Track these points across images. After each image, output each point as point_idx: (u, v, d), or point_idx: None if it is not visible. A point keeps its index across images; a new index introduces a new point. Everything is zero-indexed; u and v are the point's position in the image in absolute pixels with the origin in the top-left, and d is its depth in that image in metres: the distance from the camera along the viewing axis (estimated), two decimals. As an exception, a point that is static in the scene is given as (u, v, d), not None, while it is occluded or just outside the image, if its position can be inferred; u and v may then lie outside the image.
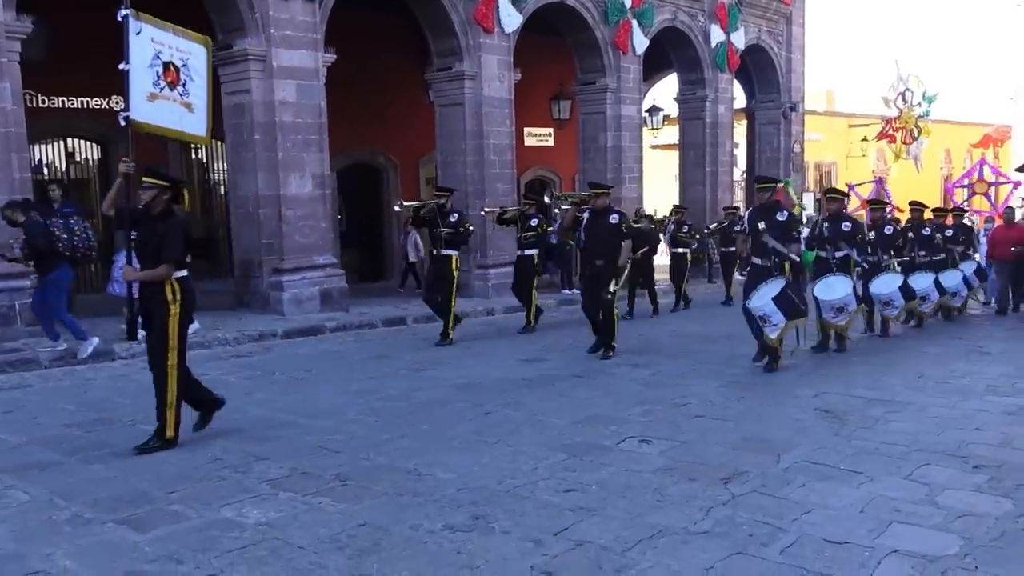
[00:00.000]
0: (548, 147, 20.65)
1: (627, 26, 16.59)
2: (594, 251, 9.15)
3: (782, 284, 8.30)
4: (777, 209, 8.72)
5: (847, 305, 9.08)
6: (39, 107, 12.90)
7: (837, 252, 9.47)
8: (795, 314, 8.26)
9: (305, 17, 11.90)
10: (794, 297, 8.23)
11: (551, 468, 5.22)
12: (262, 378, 8.32)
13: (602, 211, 9.13)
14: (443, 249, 10.16)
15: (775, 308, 8.06)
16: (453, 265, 10.20)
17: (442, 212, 10.24)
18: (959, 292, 12.01)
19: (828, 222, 9.63)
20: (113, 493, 4.84)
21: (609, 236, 9.00)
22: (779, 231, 8.45)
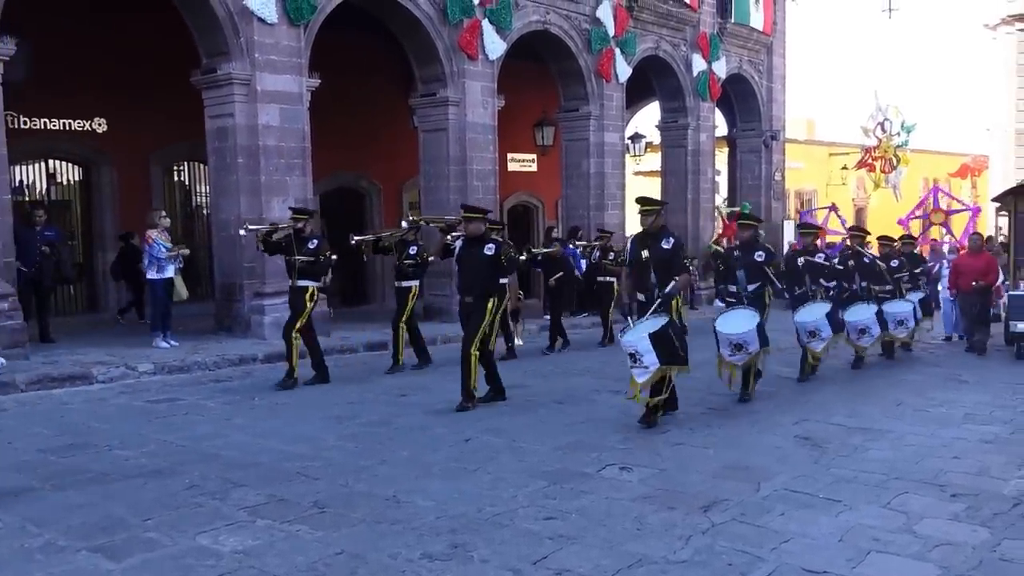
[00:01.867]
0: (531, 173, 20.74)
1: (610, 54, 16.76)
2: (464, 285, 8.04)
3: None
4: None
5: (747, 343, 8.02)
6: (20, 128, 12.83)
7: (750, 284, 8.52)
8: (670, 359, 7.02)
9: (290, 42, 11.94)
10: (675, 340, 7.04)
11: (531, 495, 5.20)
12: (242, 403, 8.26)
13: (476, 239, 7.98)
14: (299, 280, 9.12)
15: (649, 347, 6.84)
16: (308, 297, 9.11)
17: (299, 238, 9.18)
18: (906, 322, 11.14)
19: (740, 251, 8.75)
20: (88, 520, 4.77)
21: (482, 269, 7.85)
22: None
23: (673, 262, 7.32)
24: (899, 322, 10.95)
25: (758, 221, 9.29)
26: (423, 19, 13.57)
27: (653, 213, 7.44)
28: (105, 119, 14.08)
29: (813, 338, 9.34)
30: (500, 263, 7.91)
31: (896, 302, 11.27)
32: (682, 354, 7.01)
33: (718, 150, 21.35)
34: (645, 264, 7.34)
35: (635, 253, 7.49)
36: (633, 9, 17.21)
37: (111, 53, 13.18)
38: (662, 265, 7.27)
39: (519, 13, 14.99)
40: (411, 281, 10.27)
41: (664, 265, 7.26)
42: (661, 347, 6.80)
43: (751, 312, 8.27)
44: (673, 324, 7.03)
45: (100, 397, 8.49)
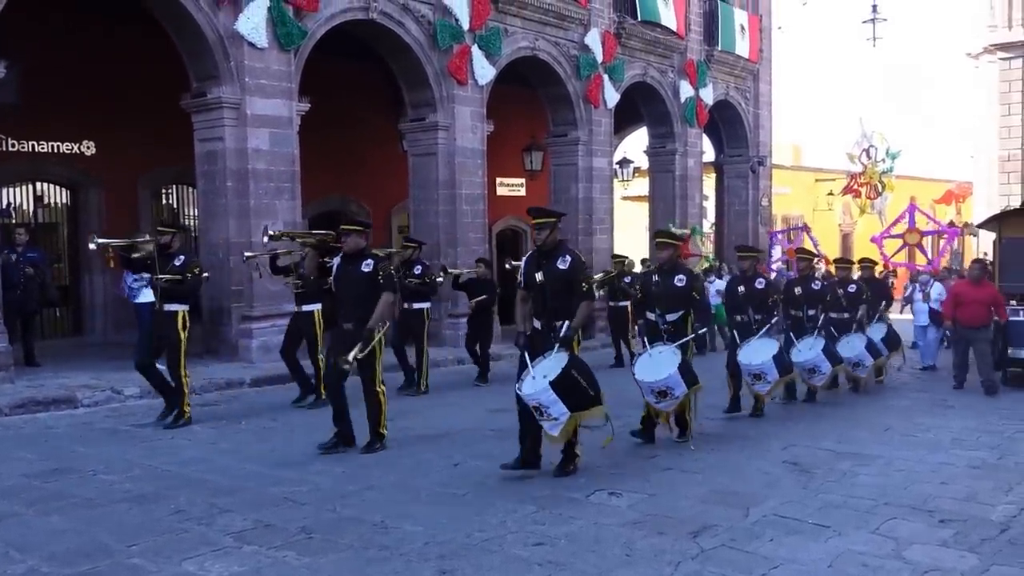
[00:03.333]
0: (520, 197, 20.80)
1: (598, 80, 16.90)
2: (343, 309, 7.10)
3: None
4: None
5: (671, 388, 7.12)
6: (8, 151, 12.82)
7: (668, 315, 7.50)
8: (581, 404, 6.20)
9: (280, 66, 11.99)
10: (581, 380, 6.13)
11: (520, 521, 5.18)
12: (228, 427, 8.20)
13: (353, 256, 7.09)
14: (165, 303, 8.07)
15: (554, 397, 5.95)
16: (180, 325, 8.08)
17: (164, 255, 8.15)
18: (862, 362, 10.24)
19: (659, 275, 7.64)
20: (71, 546, 4.72)
21: (360, 289, 6.96)
22: None
23: (572, 286, 6.27)
24: (854, 364, 10.22)
25: (677, 239, 8.23)
26: (413, 44, 13.66)
27: (548, 227, 6.32)
28: (94, 142, 14.07)
29: (758, 380, 8.54)
30: (377, 280, 6.96)
31: (850, 340, 10.28)
32: (592, 393, 6.11)
33: (705, 175, 21.49)
34: (540, 288, 6.30)
35: (528, 275, 6.39)
36: (621, 36, 17.39)
37: (100, 76, 13.20)
38: (559, 289, 6.24)
39: (508, 39, 15.12)
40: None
41: (562, 289, 6.24)
42: (567, 393, 5.92)
43: (670, 352, 7.27)
44: (575, 361, 6.08)
45: (85, 421, 8.42)
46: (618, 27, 17.32)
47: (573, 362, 6.08)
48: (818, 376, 9.38)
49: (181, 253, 8.28)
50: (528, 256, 6.64)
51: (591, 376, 6.18)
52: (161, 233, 8.33)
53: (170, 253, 8.18)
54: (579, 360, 6.18)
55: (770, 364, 8.46)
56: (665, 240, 7.83)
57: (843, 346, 10.12)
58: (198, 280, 8.33)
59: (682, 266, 7.79)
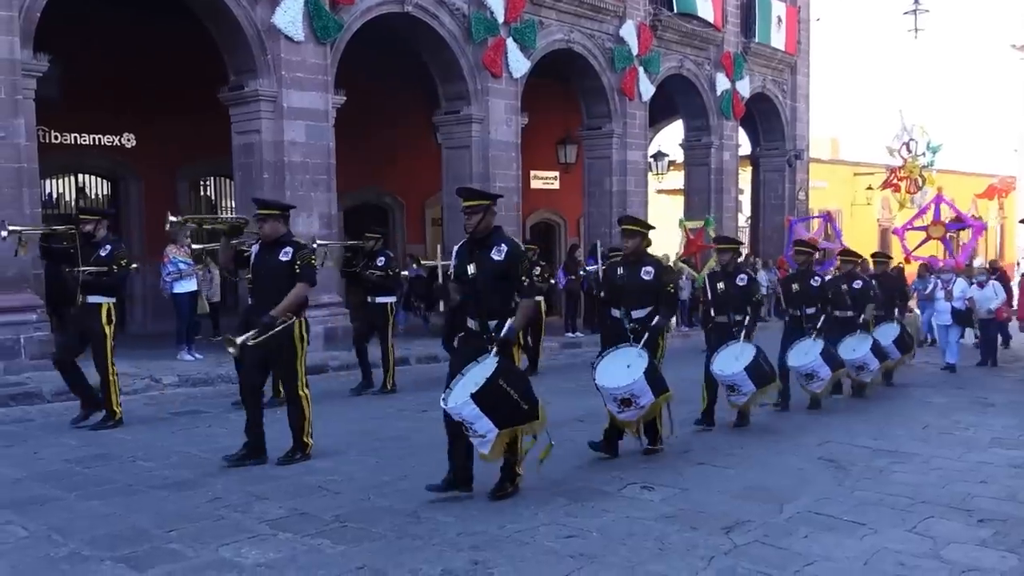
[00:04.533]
0: (554, 190, 20.79)
1: (633, 73, 16.82)
2: (260, 301, 6.41)
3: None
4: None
5: (635, 396, 6.31)
6: (51, 143, 13.05)
7: (634, 311, 6.60)
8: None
9: (316, 60, 12.09)
10: (512, 392, 5.29)
11: (552, 513, 5.19)
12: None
13: (272, 243, 6.34)
14: (87, 296, 7.44)
15: (477, 412, 5.11)
16: (104, 319, 7.47)
17: (88, 244, 7.47)
18: (867, 366, 9.44)
19: (624, 267, 6.78)
20: (112, 530, 4.81)
21: (277, 280, 6.24)
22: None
23: (510, 280, 5.39)
24: (858, 368, 9.45)
25: (645, 226, 6.87)
26: (447, 37, 13.69)
27: (479, 210, 5.41)
28: (134, 134, 14.32)
29: (732, 392, 7.68)
30: (294, 269, 6.22)
31: (853, 341, 9.48)
32: (526, 406, 5.25)
33: (741, 169, 21.31)
34: (472, 283, 5.45)
35: (460, 268, 5.53)
36: (657, 28, 17.28)
37: (141, 70, 13.39)
38: (495, 284, 5.37)
39: (543, 32, 15.10)
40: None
41: (497, 284, 5.37)
42: (492, 407, 5.09)
43: (636, 353, 6.38)
44: (507, 370, 5.20)
45: (125, 409, 8.54)
46: (654, 19, 17.22)
47: (502, 371, 5.14)
48: (816, 382, 8.59)
49: (107, 243, 7.58)
50: (460, 245, 5.63)
51: (525, 387, 5.32)
52: (84, 221, 7.55)
53: (95, 242, 7.50)
54: (512, 369, 5.33)
55: (742, 375, 7.45)
56: (631, 227, 6.75)
57: (845, 348, 9.31)
58: (125, 271, 7.67)
59: (650, 257, 6.77)
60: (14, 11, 9.47)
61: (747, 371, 7.45)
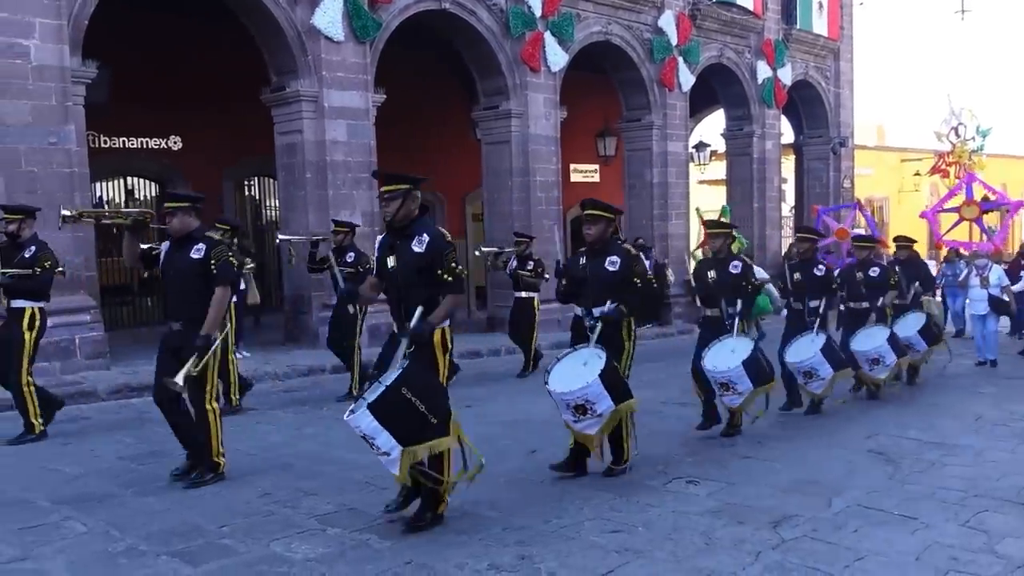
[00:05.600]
0: (594, 183, 20.72)
1: (673, 63, 16.68)
2: (169, 306, 5.90)
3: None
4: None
5: (591, 403, 5.58)
6: (100, 147, 13.34)
7: (596, 308, 5.85)
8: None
9: (356, 59, 12.19)
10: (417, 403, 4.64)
11: (597, 508, 5.19)
12: (311, 413, 8.43)
13: (181, 240, 5.73)
14: (12, 300, 7.05)
15: (376, 426, 4.52)
16: (26, 323, 7.02)
17: (14, 244, 7.11)
18: (882, 359, 8.60)
19: (586, 257, 6.07)
20: (166, 526, 4.93)
21: (187, 280, 5.64)
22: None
23: (432, 275, 4.80)
24: (872, 361, 8.63)
25: (607, 212, 5.97)
26: (485, 33, 13.72)
27: (398, 196, 4.83)
28: (180, 137, 14.57)
29: (727, 391, 6.89)
30: (209, 269, 5.62)
31: (868, 333, 8.76)
32: (435, 420, 4.58)
33: (784, 158, 21.04)
34: (391, 278, 4.96)
35: (381, 261, 5.02)
36: (696, 17, 17.11)
37: (186, 73, 13.62)
38: (415, 279, 4.81)
39: (581, 24, 15.04)
40: None
41: (418, 279, 4.81)
42: (393, 420, 4.49)
43: (594, 354, 5.64)
44: (413, 376, 4.57)
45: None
46: (693, 8, 17.06)
47: (407, 377, 4.52)
48: (816, 381, 7.84)
49: (32, 243, 7.14)
50: (382, 236, 5.12)
51: (436, 397, 4.64)
52: (7, 220, 7.08)
53: (20, 243, 7.09)
54: (421, 375, 4.62)
55: (739, 371, 6.73)
56: (594, 211, 5.91)
57: (860, 340, 8.70)
58: (50, 273, 7.11)
59: (617, 246, 5.97)
60: (63, 20, 9.70)
61: (744, 366, 6.69)
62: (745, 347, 6.91)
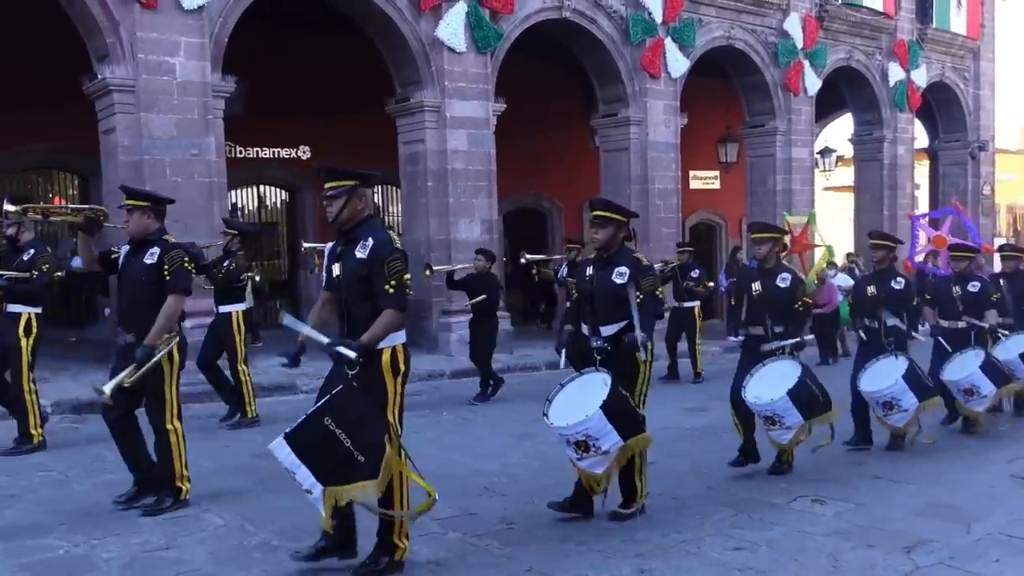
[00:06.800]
0: (714, 190, 20.35)
1: (798, 67, 16.20)
2: (122, 316, 5.46)
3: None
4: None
5: (592, 438, 4.86)
6: (236, 157, 14.03)
7: (602, 326, 5.21)
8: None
9: (477, 69, 12.41)
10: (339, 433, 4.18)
11: (717, 524, 5.10)
12: (430, 417, 8.61)
13: (139, 244, 5.29)
14: (8, 304, 6.90)
15: (294, 461, 4.08)
16: (22, 329, 6.85)
17: (13, 248, 6.98)
18: (977, 389, 7.30)
19: (594, 268, 5.37)
20: (296, 522, 5.12)
21: (139, 287, 5.23)
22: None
23: (373, 285, 4.16)
24: (966, 392, 7.39)
25: (618, 214, 5.28)
26: (605, 40, 13.71)
27: (342, 194, 4.27)
28: (309, 147, 15.17)
29: (773, 426, 6.05)
30: (162, 273, 5.16)
31: (963, 359, 7.49)
32: (361, 458, 3.95)
33: (917, 163, 20.09)
34: (337, 288, 4.37)
35: (329, 270, 4.46)
36: (823, 19, 16.58)
37: (314, 85, 14.16)
38: (357, 289, 4.22)
39: (702, 30, 14.82)
40: None
41: (360, 290, 4.21)
42: (311, 454, 3.98)
43: (598, 380, 4.94)
44: (341, 404, 4.00)
45: (304, 407, 9.05)
46: (820, 10, 16.53)
47: (332, 407, 3.97)
48: (897, 414, 6.72)
49: (31, 247, 7.01)
50: (332, 244, 4.51)
51: (367, 432, 4.00)
52: (7, 224, 6.78)
53: (19, 246, 6.96)
54: (355, 405, 4.01)
55: (785, 404, 5.86)
56: (603, 213, 5.19)
57: (952, 367, 7.47)
58: (45, 276, 6.90)
59: (628, 255, 5.21)
60: (205, 38, 10.29)
61: (791, 397, 5.79)
62: (791, 372, 5.96)
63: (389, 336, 4.12)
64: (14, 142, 12.33)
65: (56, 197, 14.06)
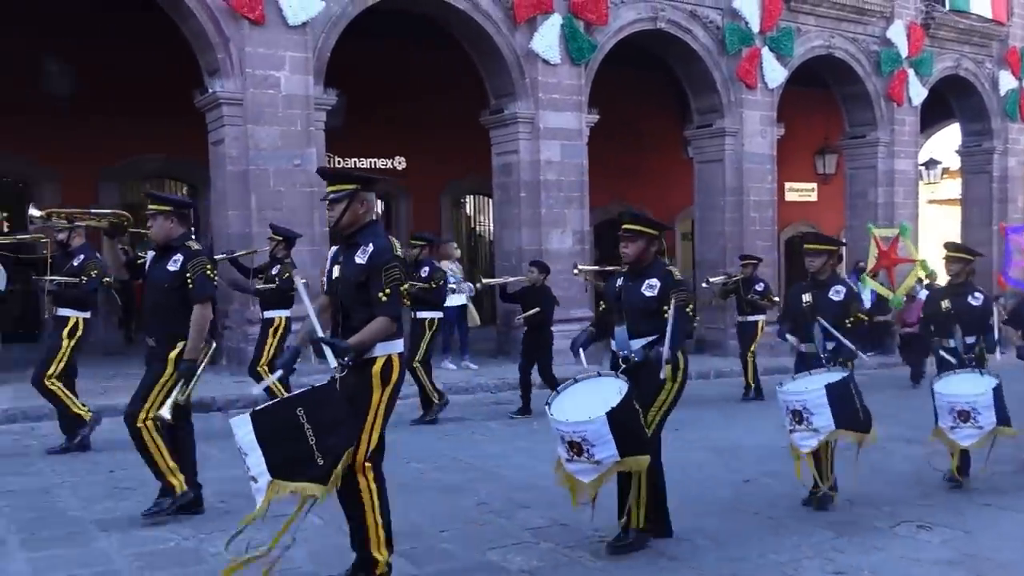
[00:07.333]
0: (811, 203, 19.87)
1: (902, 76, 15.70)
2: (147, 325, 5.52)
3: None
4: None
5: (589, 443, 4.50)
6: (335, 167, 14.43)
7: (632, 340, 4.98)
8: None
9: (571, 80, 12.46)
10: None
11: (816, 546, 4.97)
12: (523, 426, 8.65)
13: (162, 250, 5.27)
14: (57, 308, 7.04)
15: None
16: (67, 331, 7.01)
17: (64, 253, 7.10)
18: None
19: (624, 279, 5.12)
20: (393, 525, 5.23)
21: (160, 294, 5.24)
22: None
23: (369, 291, 4.02)
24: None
25: (646, 225, 5.02)
26: (700, 51, 13.57)
27: (343, 199, 4.09)
28: (404, 157, 15.50)
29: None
30: (185, 282, 5.13)
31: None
32: (321, 461, 3.85)
33: (1030, 175, 19.15)
34: (334, 291, 4.24)
35: (328, 274, 4.30)
36: (929, 27, 16.02)
37: (410, 97, 14.47)
38: (354, 295, 4.10)
39: (801, 39, 14.52)
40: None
41: (357, 295, 4.08)
42: (271, 441, 3.79)
43: (615, 386, 4.63)
44: (320, 400, 3.91)
45: (398, 411, 9.20)
46: (926, 17, 15.99)
47: (313, 400, 3.87)
48: (969, 430, 6.11)
49: (81, 252, 7.08)
50: (334, 249, 4.36)
51: (336, 436, 3.89)
52: (58, 229, 6.91)
53: (70, 251, 7.09)
54: (333, 405, 3.92)
55: (820, 397, 5.43)
56: (632, 226, 4.97)
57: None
58: (95, 282, 7.00)
59: (660, 267, 4.99)
60: (309, 52, 10.64)
61: (828, 393, 5.40)
62: (837, 375, 5.57)
63: (385, 344, 4.00)
64: (131, 152, 13.00)
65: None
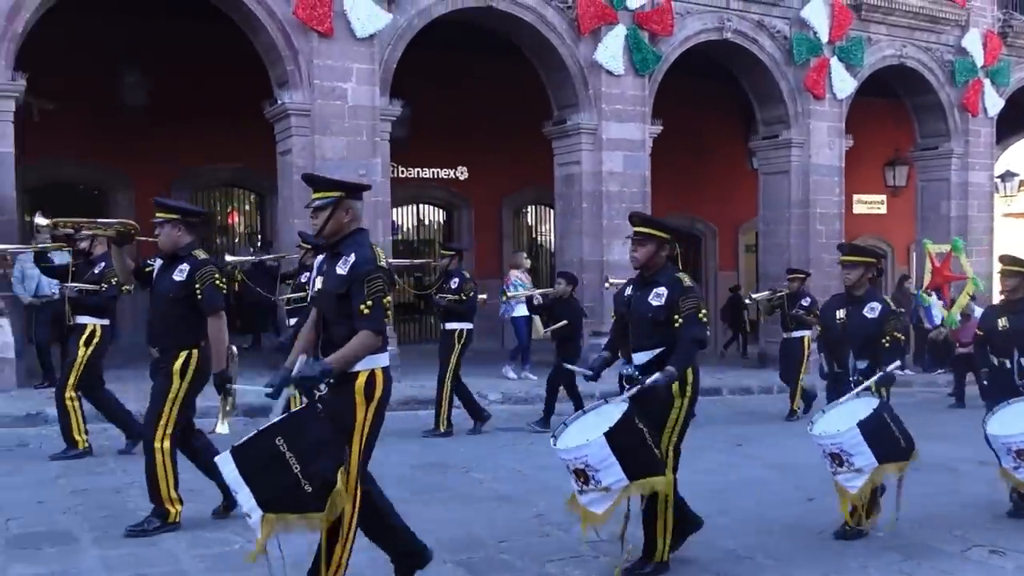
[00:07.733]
0: (880, 215, 19.42)
1: (978, 86, 15.26)
2: (152, 336, 5.49)
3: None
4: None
5: (590, 467, 4.29)
6: (399, 177, 14.62)
7: (636, 353, 4.72)
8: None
9: (635, 91, 12.42)
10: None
11: (883, 569, 4.85)
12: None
13: (170, 259, 5.17)
14: (76, 316, 6.94)
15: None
16: (84, 339, 6.90)
17: (86, 262, 7.08)
18: None
19: (633, 288, 4.86)
20: (451, 535, 5.26)
21: (166, 303, 5.15)
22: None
23: (352, 304, 3.78)
24: None
25: (659, 230, 4.78)
26: (767, 61, 13.41)
27: (327, 207, 3.88)
28: (466, 167, 15.63)
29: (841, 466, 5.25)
30: (194, 291, 5.03)
31: None
32: (309, 488, 3.62)
33: (1113, 189, 18.42)
34: (317, 303, 4.06)
35: (313, 285, 4.18)
36: (1007, 35, 15.56)
37: (473, 108, 14.58)
38: (335, 308, 3.85)
39: (871, 48, 14.24)
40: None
41: (337, 308, 3.83)
42: (255, 476, 3.62)
43: (616, 409, 4.35)
44: (299, 425, 3.66)
45: (455, 421, 9.30)
46: (1003, 25, 15.52)
47: (291, 426, 3.63)
48: None
49: (102, 260, 6.90)
50: (320, 258, 4.11)
51: (321, 460, 3.65)
52: (78, 238, 6.79)
53: (92, 259, 7.03)
54: (314, 427, 3.67)
55: (854, 437, 5.07)
56: (643, 229, 4.76)
57: None
58: (114, 289, 6.81)
59: (670, 275, 4.69)
60: (375, 64, 10.82)
61: (862, 430, 4.99)
62: (867, 408, 5.14)
63: (367, 358, 3.76)
64: (205, 161, 13.38)
65: (233, 212, 15.12)
